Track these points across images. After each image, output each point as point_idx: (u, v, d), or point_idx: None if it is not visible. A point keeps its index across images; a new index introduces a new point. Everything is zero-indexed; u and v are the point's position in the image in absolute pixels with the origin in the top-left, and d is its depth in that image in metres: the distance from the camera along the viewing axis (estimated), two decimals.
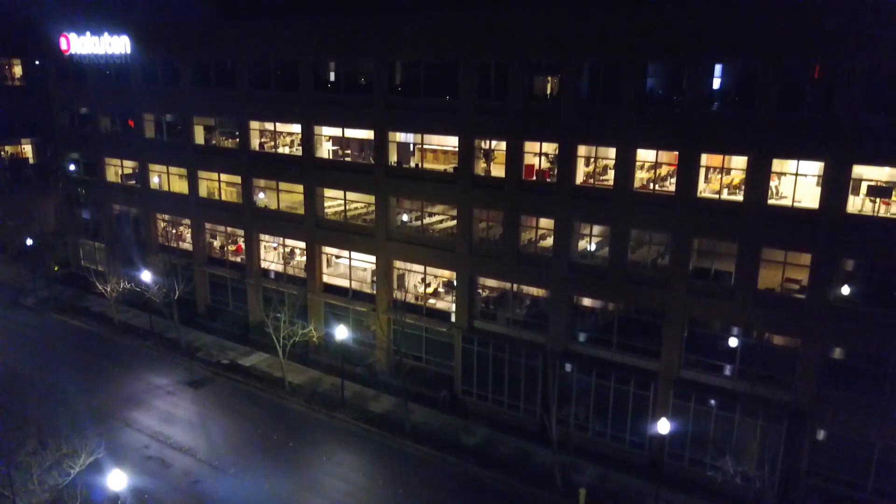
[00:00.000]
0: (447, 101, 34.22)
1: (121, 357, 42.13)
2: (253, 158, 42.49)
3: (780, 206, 27.67)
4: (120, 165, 50.51)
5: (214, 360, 41.50)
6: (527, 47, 31.37)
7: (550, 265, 33.11)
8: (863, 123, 25.33)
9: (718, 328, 30.15)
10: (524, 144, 32.73)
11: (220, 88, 42.84)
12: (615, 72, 29.86)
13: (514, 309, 35.50)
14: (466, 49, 32.91)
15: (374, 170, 37.60)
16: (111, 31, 46.78)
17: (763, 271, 28.48)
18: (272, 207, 42.96)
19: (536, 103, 32.43)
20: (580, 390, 32.35)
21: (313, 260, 41.36)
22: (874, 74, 25.36)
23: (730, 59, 28.08)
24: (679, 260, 29.85)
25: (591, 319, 33.73)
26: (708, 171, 29.61)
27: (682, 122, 28.52)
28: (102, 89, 48.88)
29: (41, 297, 50.80)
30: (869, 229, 26.10)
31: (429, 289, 38.62)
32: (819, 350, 27.66)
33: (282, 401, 36.94)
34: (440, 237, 37.37)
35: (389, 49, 35.52)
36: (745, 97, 28.05)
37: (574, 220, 32.28)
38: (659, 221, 30.12)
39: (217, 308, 47.05)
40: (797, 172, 27.14)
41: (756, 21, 26.57)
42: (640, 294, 31.07)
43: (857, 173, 26.32)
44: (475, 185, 34.40)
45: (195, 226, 46.78)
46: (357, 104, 37.38)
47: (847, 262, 27.37)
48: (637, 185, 30.90)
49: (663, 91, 29.55)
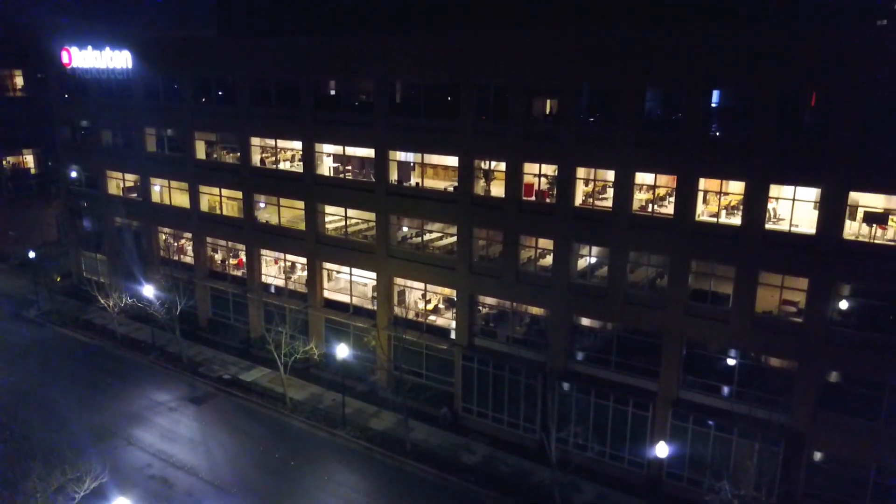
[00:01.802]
0: (447, 121, 34.39)
1: (123, 372, 42.42)
2: (254, 174, 42.72)
3: (778, 231, 27.90)
4: (122, 178, 50.73)
5: (216, 374, 41.76)
6: (526, 70, 31.56)
7: (550, 285, 33.34)
8: (859, 150, 25.52)
9: (717, 350, 30.39)
10: (523, 166, 32.95)
11: (220, 104, 43.15)
12: (613, 95, 30.08)
13: (514, 327, 35.74)
14: (466, 71, 33.10)
15: (374, 188, 37.82)
16: (113, 46, 46.96)
17: (761, 294, 28.72)
18: (273, 223, 43.20)
19: (536, 125, 32.61)
20: (579, 410, 32.58)
21: (314, 275, 41.60)
22: (871, 102, 25.55)
23: (727, 85, 28.31)
24: (677, 282, 30.08)
25: (591, 339, 33.96)
26: (706, 194, 29.82)
27: (680, 146, 28.72)
28: (104, 103, 49.06)
29: (44, 309, 51.12)
30: (865, 255, 26.30)
31: (429, 305, 38.85)
32: (816, 373, 27.92)
33: (283, 418, 37.21)
34: (440, 255, 37.57)
35: (389, 70, 35.71)
36: (742, 123, 28.24)
37: (573, 241, 32.51)
38: (657, 244, 30.35)
39: (218, 321, 47.30)
40: (794, 198, 27.36)
41: (753, 48, 26.78)
42: (639, 315, 31.30)
43: (853, 199, 26.59)
44: (475, 205, 34.63)
45: (196, 239, 47.01)
46: (358, 123, 37.59)
47: (843, 287, 27.59)
48: (636, 207, 31.14)
49: (662, 115, 29.76)
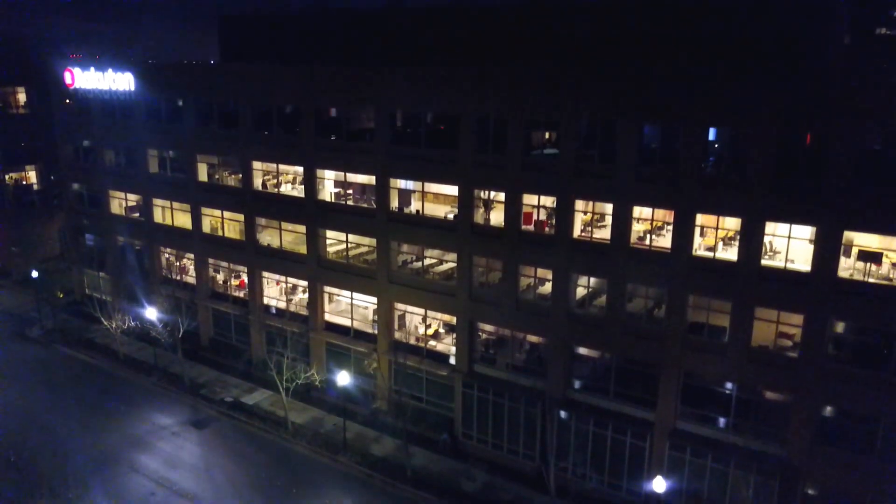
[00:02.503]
0: (447, 151, 34.74)
1: (126, 394, 42.78)
2: (256, 198, 43.08)
3: (773, 268, 28.25)
4: (124, 198, 51.07)
5: (218, 397, 42.12)
6: (525, 104, 31.93)
7: (549, 314, 33.71)
8: (853, 191, 25.89)
9: (713, 381, 30.72)
10: (522, 196, 33.31)
11: (222, 128, 43.45)
12: (611, 130, 30.44)
13: (514, 353, 36.10)
14: (466, 103, 33.46)
15: (375, 214, 38.19)
16: (115, 68, 47.33)
17: (757, 327, 29.07)
18: (275, 246, 43.54)
19: (535, 157, 32.94)
20: (578, 438, 32.96)
21: (315, 298, 41.96)
22: (865, 144, 25.94)
23: (724, 124, 28.65)
24: (675, 314, 30.44)
25: (589, 367, 34.30)
26: (703, 229, 30.16)
27: (677, 181, 29.09)
28: (106, 123, 49.39)
29: (47, 328, 51.50)
30: (859, 293, 26.68)
31: (429, 330, 39.20)
32: (811, 407, 28.27)
33: (285, 443, 37.56)
34: (441, 281, 37.90)
35: (390, 99, 36.06)
36: (739, 160, 28.54)
37: (571, 272, 32.88)
38: (655, 277, 30.72)
39: (220, 341, 47.66)
40: (790, 235, 27.72)
41: (750, 88, 27.11)
42: (637, 346, 31.66)
43: (848, 238, 26.94)
44: (475, 234, 34.99)
45: (198, 260, 47.36)
46: (359, 150, 37.94)
47: (838, 323, 27.95)
48: (634, 239, 31.50)
49: (659, 151, 30.06)
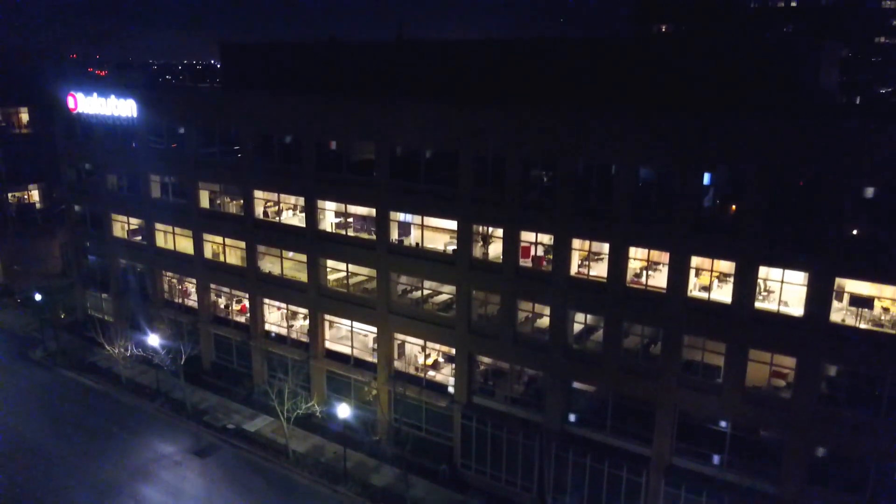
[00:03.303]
0: (447, 187, 35.19)
1: (128, 420, 43.26)
2: (257, 226, 43.55)
3: (767, 311, 28.71)
4: (126, 221, 51.54)
5: (220, 423, 42.61)
6: (524, 143, 32.40)
7: (546, 349, 34.18)
8: (845, 238, 26.37)
9: (708, 419, 31.17)
10: (520, 233, 33.78)
11: (224, 157, 43.93)
12: (608, 172, 30.91)
13: (512, 385, 36.56)
14: (464, 140, 33.93)
15: (375, 245, 38.65)
16: (118, 94, 47.82)
17: (751, 368, 29.53)
18: (276, 273, 44.00)
19: (533, 196, 33.38)
20: (575, 472, 33.43)
21: (316, 326, 42.42)
22: (857, 193, 26.40)
23: (716, 169, 29.04)
24: (670, 353, 30.90)
25: (587, 401, 34.74)
26: (698, 270, 30.60)
27: (673, 224, 29.55)
28: (109, 147, 49.80)
29: (49, 350, 51.99)
30: (851, 338, 27.13)
31: (428, 360, 39.67)
32: (804, 448, 28.72)
33: (286, 472, 38.03)
34: (440, 313, 38.32)
35: (390, 134, 36.51)
36: (733, 205, 28.95)
37: (569, 309, 33.34)
38: (650, 317, 31.18)
39: (222, 365, 48.13)
40: (782, 280, 28.18)
41: (742, 134, 27.58)
42: (633, 382, 32.12)
43: (839, 284, 27.39)
44: (473, 268, 35.46)
45: (200, 285, 47.82)
46: (359, 183, 38.40)
47: (830, 367, 28.41)
48: (630, 276, 31.95)
49: (655, 193, 30.49)
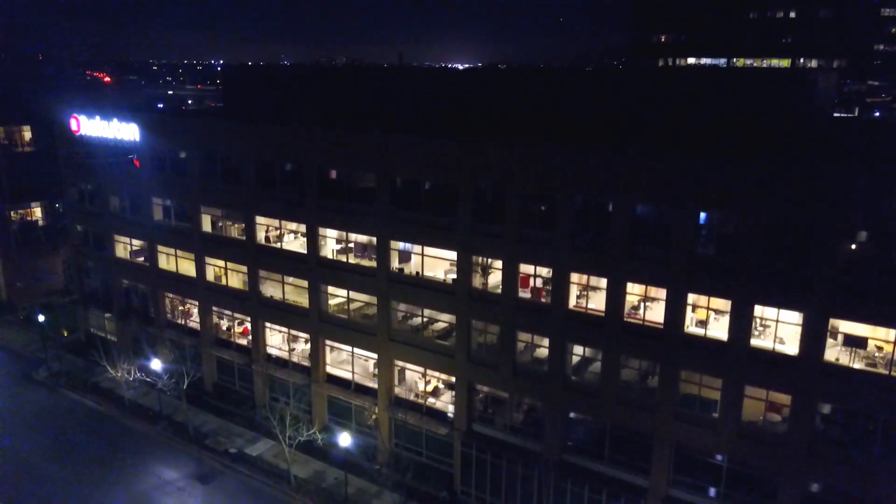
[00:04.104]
0: (446, 218, 35.59)
1: (131, 444, 43.66)
2: (259, 252, 43.95)
3: (762, 349, 29.11)
4: (129, 242, 51.95)
5: (222, 448, 43.02)
6: (520, 179, 32.78)
7: (545, 380, 34.59)
8: (838, 282, 26.76)
9: (705, 452, 31.55)
10: (519, 266, 34.19)
11: (226, 182, 44.26)
12: (604, 209, 31.31)
13: (512, 413, 36.96)
14: (463, 174, 34.34)
15: (376, 273, 39.06)
16: (121, 118, 48.24)
17: (746, 403, 29.93)
18: (277, 298, 44.41)
19: (531, 229, 33.74)
20: (573, 502, 33.82)
21: (317, 352, 42.84)
22: (849, 236, 26.79)
23: (713, 209, 29.39)
24: (667, 387, 31.31)
25: (585, 431, 35.14)
26: (695, 307, 31.00)
27: (669, 262, 29.95)
28: (111, 169, 50.17)
29: (53, 370, 52.41)
30: (844, 378, 27.54)
31: (429, 386, 40.08)
32: (798, 484, 29.13)
33: (289, 498, 38.44)
34: (440, 341, 38.70)
35: (391, 166, 36.92)
36: (729, 245, 29.20)
37: (567, 342, 33.75)
38: (648, 351, 31.60)
39: (224, 386, 48.56)
40: (777, 319, 28.58)
41: (739, 176, 27.97)
42: (631, 415, 32.53)
43: (833, 325, 27.80)
44: (473, 299, 35.87)
45: (202, 307, 48.22)
46: (360, 213, 38.80)
47: (824, 405, 28.81)
48: (628, 308, 32.35)
49: (652, 231, 30.86)
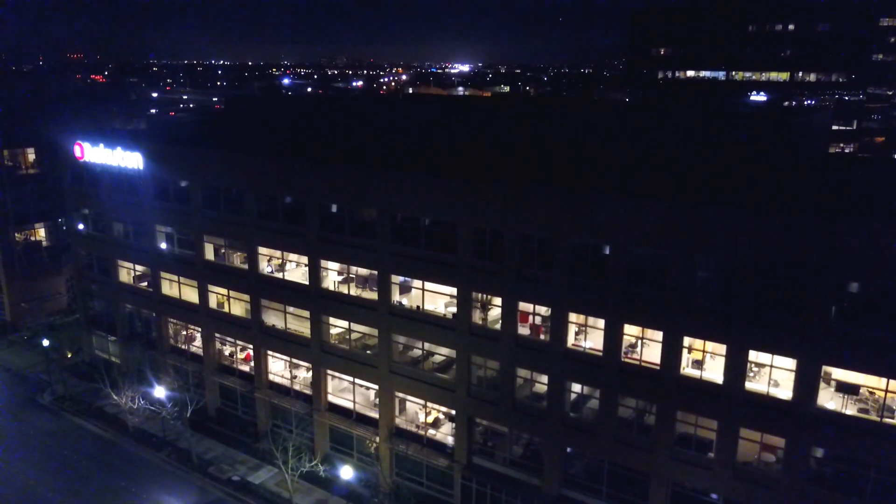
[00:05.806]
0: (446, 255, 36.07)
1: (135, 472, 44.15)
2: (261, 282, 44.45)
3: (757, 393, 29.59)
4: (132, 268, 52.47)
5: (225, 476, 43.54)
6: (519, 220, 33.28)
7: (544, 416, 35.08)
8: (831, 331, 27.25)
9: (700, 492, 32.01)
10: (518, 304, 34.68)
11: (229, 213, 44.70)
12: (601, 252, 31.79)
13: (511, 447, 37.45)
14: (463, 213, 34.83)
15: (377, 306, 39.55)
16: (125, 147, 48.75)
17: (742, 445, 30.43)
18: (279, 327, 44.92)
19: (530, 269, 34.23)
20: None
21: (318, 381, 43.34)
22: (841, 286, 27.28)
23: (707, 255, 29.81)
24: (663, 426, 31.80)
25: (583, 467, 35.62)
26: (691, 348, 31.48)
27: (665, 304, 30.43)
28: (115, 197, 50.75)
29: (57, 394, 52.94)
30: (837, 423, 28.02)
31: (429, 417, 40.57)
32: None
33: None
34: (440, 374, 39.17)
35: (391, 202, 37.41)
36: (725, 291, 29.70)
37: (565, 379, 34.24)
38: (644, 391, 32.08)
39: (227, 411, 49.06)
40: (772, 364, 29.07)
41: (733, 225, 28.46)
42: (628, 453, 33.03)
43: (826, 372, 28.29)
44: (473, 334, 36.36)
45: (205, 334, 48.73)
46: (361, 247, 39.26)
47: (817, 449, 29.29)
48: (626, 346, 32.82)
49: (649, 274, 31.31)
